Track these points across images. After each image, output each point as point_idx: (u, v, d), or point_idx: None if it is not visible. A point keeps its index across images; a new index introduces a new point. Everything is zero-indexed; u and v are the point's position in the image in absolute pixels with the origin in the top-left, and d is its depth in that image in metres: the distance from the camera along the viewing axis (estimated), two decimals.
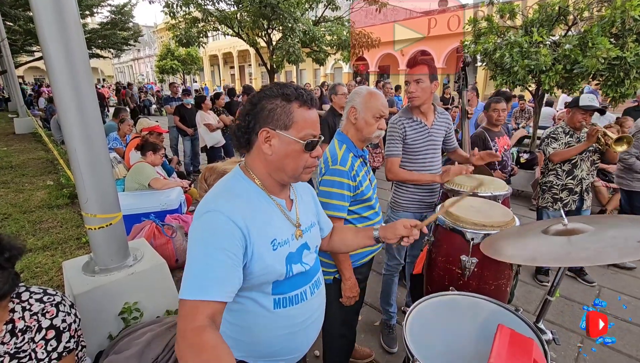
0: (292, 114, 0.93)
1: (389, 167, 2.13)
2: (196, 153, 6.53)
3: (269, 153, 0.95)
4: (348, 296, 1.64)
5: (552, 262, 1.00)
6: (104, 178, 1.94)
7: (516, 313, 1.21)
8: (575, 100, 2.84)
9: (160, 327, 1.76)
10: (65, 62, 1.69)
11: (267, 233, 0.95)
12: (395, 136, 2.10)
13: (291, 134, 0.93)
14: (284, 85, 0.97)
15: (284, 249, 0.98)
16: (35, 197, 4.72)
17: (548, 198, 3.02)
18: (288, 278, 1.00)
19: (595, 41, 5.06)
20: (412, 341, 1.11)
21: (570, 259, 0.95)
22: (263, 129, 0.93)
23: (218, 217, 0.87)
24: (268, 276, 0.95)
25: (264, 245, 0.93)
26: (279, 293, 0.99)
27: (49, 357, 1.27)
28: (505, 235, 1.28)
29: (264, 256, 0.93)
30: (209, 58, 34.00)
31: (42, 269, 2.93)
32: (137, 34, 16.40)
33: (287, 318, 1.01)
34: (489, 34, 6.42)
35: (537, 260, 1.03)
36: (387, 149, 2.13)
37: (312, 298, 1.07)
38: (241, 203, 0.92)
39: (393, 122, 2.12)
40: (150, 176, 3.44)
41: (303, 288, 1.04)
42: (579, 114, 2.78)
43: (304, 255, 1.05)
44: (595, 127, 2.63)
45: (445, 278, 1.63)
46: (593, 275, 3.17)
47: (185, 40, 10.91)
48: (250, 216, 0.91)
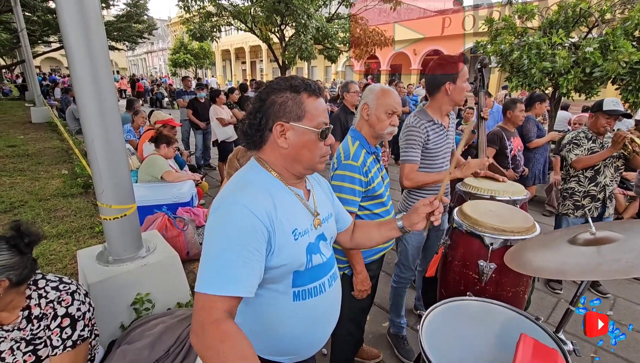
0: (303, 105, 0.93)
1: (406, 174, 1.96)
2: (207, 147, 6.57)
3: (285, 146, 0.94)
4: (360, 290, 1.66)
5: (583, 276, 0.96)
6: (120, 169, 1.95)
7: (537, 322, 1.18)
8: (598, 104, 2.73)
9: (172, 319, 1.77)
10: (86, 52, 1.70)
11: (289, 222, 0.94)
12: (417, 140, 1.94)
13: (305, 125, 0.93)
14: (290, 77, 0.96)
15: (305, 239, 0.97)
16: (51, 185, 4.80)
17: (569, 205, 2.94)
18: (307, 269, 0.99)
19: (617, 44, 4.92)
20: (429, 346, 1.09)
21: (601, 272, 0.91)
22: (277, 123, 0.93)
23: (239, 210, 0.86)
24: (290, 266, 0.94)
25: (285, 235, 0.92)
26: (299, 285, 0.98)
27: (63, 345, 1.28)
28: (529, 245, 1.25)
29: (286, 246, 0.92)
30: (221, 53, 34.16)
31: (57, 256, 2.98)
32: (151, 27, 16.54)
33: (307, 310, 1.00)
34: (505, 35, 6.29)
35: (566, 274, 0.99)
36: (405, 154, 1.97)
37: (330, 290, 1.07)
38: (261, 194, 0.91)
39: (415, 125, 1.95)
40: (163, 169, 3.47)
41: (322, 280, 1.04)
42: (603, 118, 2.67)
43: (321, 245, 1.05)
44: (622, 133, 2.50)
45: (461, 282, 1.60)
46: (607, 284, 3.09)
47: (199, 34, 10.98)
48: (272, 206, 0.91)
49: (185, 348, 1.65)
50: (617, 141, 2.50)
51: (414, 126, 1.96)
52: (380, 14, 17.36)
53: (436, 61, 1.99)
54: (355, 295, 1.68)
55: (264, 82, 1.00)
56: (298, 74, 21.71)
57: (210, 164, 6.78)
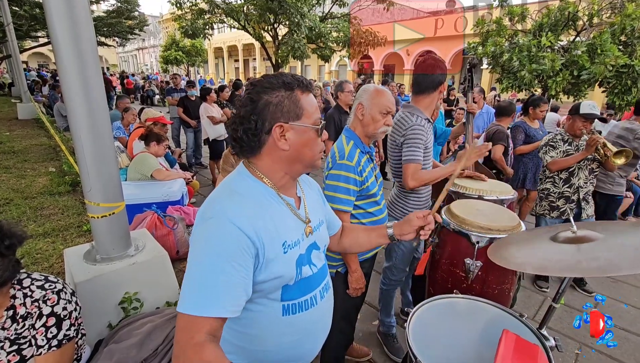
0: (300, 102, 0.89)
1: (411, 173, 1.88)
2: (199, 145, 6.52)
3: (286, 148, 0.89)
4: (355, 288, 1.67)
5: (563, 272, 0.99)
6: (108, 166, 1.93)
7: (520, 319, 1.21)
8: (575, 107, 2.78)
9: (160, 318, 1.76)
10: (74, 47, 1.67)
11: (278, 235, 0.90)
12: (423, 140, 1.90)
13: (305, 123, 0.90)
14: (280, 74, 0.91)
15: (295, 251, 0.94)
16: (37, 183, 4.72)
17: (545, 206, 3.01)
18: (296, 282, 0.95)
19: (604, 48, 5.03)
20: (415, 342, 1.10)
21: (581, 269, 0.94)
22: (277, 125, 0.88)
23: (224, 224, 0.81)
24: (279, 281, 0.90)
25: (274, 248, 0.88)
26: (288, 299, 0.94)
27: (49, 344, 1.26)
28: (512, 240, 1.27)
29: (275, 261, 0.88)
30: (213, 50, 33.90)
31: (43, 255, 2.93)
32: (142, 23, 16.32)
33: (296, 324, 0.96)
34: (496, 37, 6.38)
35: (547, 269, 1.01)
36: (409, 154, 1.90)
37: (322, 303, 1.03)
38: (249, 206, 0.86)
39: (419, 124, 1.91)
40: (153, 167, 3.43)
41: (313, 293, 0.99)
42: (580, 121, 2.73)
43: (312, 255, 1.01)
44: (595, 137, 2.56)
45: (448, 280, 1.62)
46: (592, 282, 3.17)
47: (191, 31, 10.87)
48: (260, 219, 0.86)
49: None
50: (590, 145, 2.57)
51: (420, 125, 1.91)
52: (374, 13, 17.43)
53: (432, 61, 1.99)
54: (350, 293, 1.70)
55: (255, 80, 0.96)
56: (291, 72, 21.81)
57: (202, 163, 6.73)
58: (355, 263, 1.63)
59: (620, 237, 1.06)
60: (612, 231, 1.09)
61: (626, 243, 1.02)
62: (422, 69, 2.00)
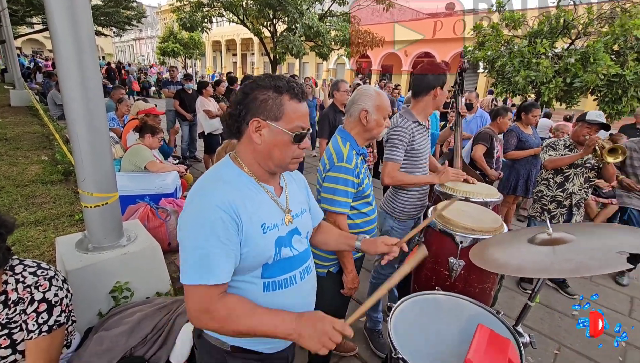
0: (283, 106, 0.96)
1: (388, 171, 2.02)
2: (194, 139, 6.51)
3: (258, 142, 0.98)
4: (349, 288, 1.70)
5: (538, 273, 1.04)
6: (103, 156, 1.95)
7: (497, 315, 1.26)
8: (583, 114, 2.88)
9: (150, 308, 1.78)
10: (71, 34, 1.68)
11: (257, 217, 0.98)
12: (403, 141, 2.00)
13: (281, 126, 0.96)
14: (277, 77, 0.99)
15: (274, 232, 1.01)
16: (29, 171, 4.68)
17: (537, 208, 3.08)
18: (276, 261, 1.02)
19: (597, 57, 5.12)
20: (396, 335, 1.15)
21: (554, 270, 0.99)
22: (254, 119, 0.96)
23: (206, 206, 0.91)
24: (258, 258, 0.99)
25: (254, 228, 0.97)
26: (269, 277, 1.02)
27: (39, 329, 1.29)
28: (493, 242, 1.32)
29: (255, 240, 0.96)
30: (211, 44, 33.63)
31: (34, 243, 2.93)
32: (140, 14, 16.12)
33: (277, 302, 1.03)
34: (492, 42, 6.45)
35: (523, 271, 1.06)
36: (389, 153, 2.03)
37: (302, 283, 1.10)
38: (230, 190, 0.95)
39: (402, 126, 2.00)
40: (147, 159, 3.44)
41: (292, 273, 1.07)
42: (585, 128, 2.80)
43: (294, 239, 1.08)
44: (594, 138, 2.62)
45: (432, 278, 1.67)
46: (574, 284, 3.25)
47: (189, 24, 10.79)
48: (240, 201, 0.95)
49: (163, 336, 1.68)
50: (589, 145, 2.61)
51: (401, 126, 2.00)
52: (373, 13, 17.44)
53: (428, 65, 2.04)
54: (345, 293, 1.73)
55: (252, 76, 1.03)
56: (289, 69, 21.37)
57: (196, 156, 6.73)
58: (352, 263, 1.66)
59: (594, 239, 1.12)
60: (585, 233, 1.15)
61: (599, 245, 1.07)
62: (420, 71, 2.06)
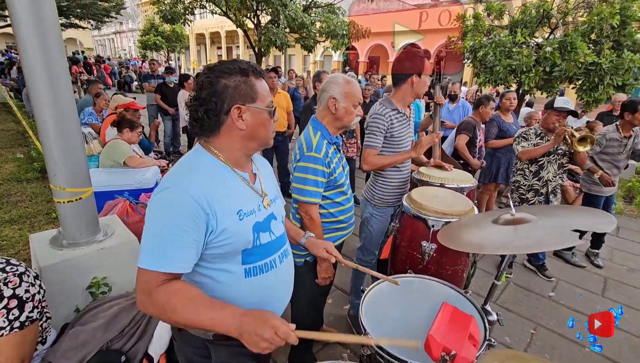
0: (255, 87, 0.99)
1: (364, 157, 2.05)
2: (177, 134, 6.42)
3: (243, 128, 0.99)
4: (323, 277, 1.71)
5: (497, 250, 1.08)
6: (74, 151, 1.91)
7: (465, 295, 1.30)
8: (550, 102, 2.92)
9: (127, 301, 1.77)
10: (35, 27, 1.63)
11: (232, 204, 0.98)
12: (380, 128, 2.01)
13: (259, 105, 1.00)
14: (235, 61, 1.00)
15: (250, 218, 1.02)
16: (4, 169, 4.56)
17: (516, 198, 3.15)
18: (255, 247, 1.03)
19: (574, 46, 5.21)
20: (366, 316, 1.18)
21: (513, 247, 1.03)
22: (235, 106, 0.96)
23: (177, 193, 0.90)
24: (236, 245, 0.99)
25: (229, 215, 0.96)
26: (249, 262, 1.03)
27: (10, 326, 1.27)
28: (461, 224, 1.36)
29: (230, 227, 0.96)
30: (195, 37, 32.94)
31: (9, 242, 2.87)
32: (119, 6, 15.60)
33: (258, 286, 1.05)
34: (475, 32, 6.51)
35: (484, 248, 1.10)
36: (367, 140, 2.04)
37: (282, 266, 1.13)
38: (201, 177, 0.95)
39: (380, 113, 2.02)
40: (126, 154, 3.37)
41: (272, 257, 1.09)
42: (554, 115, 2.86)
43: (272, 224, 1.10)
44: (563, 128, 2.67)
45: (407, 262, 1.71)
46: (553, 268, 3.36)
47: (170, 16, 10.52)
48: (212, 189, 0.94)
49: (141, 328, 1.67)
50: (559, 134, 2.68)
51: (379, 113, 2.02)
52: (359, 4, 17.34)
53: (404, 54, 2.05)
54: (319, 282, 1.73)
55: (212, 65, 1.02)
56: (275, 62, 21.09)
57: (180, 151, 6.63)
58: None
59: (553, 219, 1.16)
60: (547, 214, 1.19)
61: (557, 224, 1.11)
62: (396, 61, 2.06)
